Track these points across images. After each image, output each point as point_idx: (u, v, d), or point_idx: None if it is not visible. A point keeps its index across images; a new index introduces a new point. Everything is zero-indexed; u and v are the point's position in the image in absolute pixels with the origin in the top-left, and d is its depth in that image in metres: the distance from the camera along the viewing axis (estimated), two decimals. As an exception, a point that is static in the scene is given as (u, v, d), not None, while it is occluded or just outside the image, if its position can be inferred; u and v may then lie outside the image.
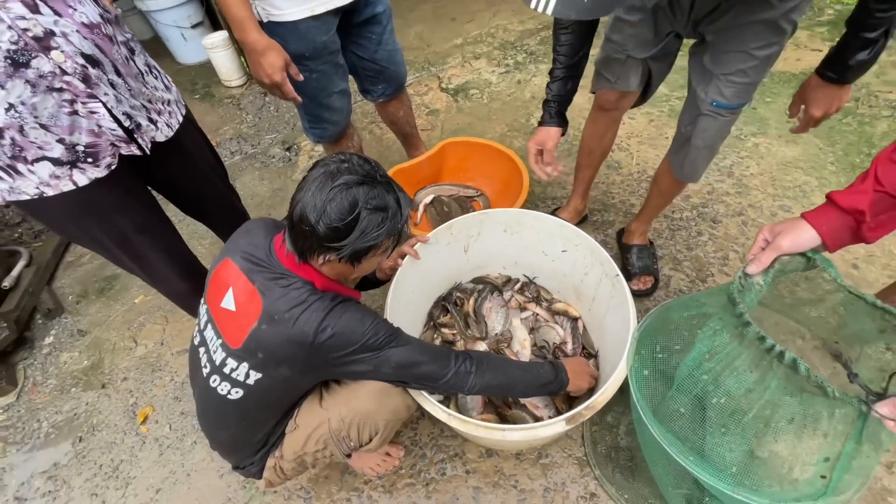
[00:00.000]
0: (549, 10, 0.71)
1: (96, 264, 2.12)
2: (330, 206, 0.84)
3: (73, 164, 0.98)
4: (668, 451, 0.90)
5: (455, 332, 1.54)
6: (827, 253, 0.85)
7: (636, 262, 1.66)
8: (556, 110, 1.25)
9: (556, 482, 1.32)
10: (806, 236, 0.82)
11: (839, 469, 0.78)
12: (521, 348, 1.48)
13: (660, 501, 1.23)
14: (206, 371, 0.99)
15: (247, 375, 0.95)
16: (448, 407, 1.35)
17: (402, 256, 1.31)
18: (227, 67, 2.87)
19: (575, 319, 1.53)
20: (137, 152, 1.07)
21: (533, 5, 0.73)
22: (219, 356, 0.96)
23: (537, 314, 1.57)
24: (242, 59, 2.85)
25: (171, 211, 1.34)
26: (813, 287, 0.88)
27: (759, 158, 2.04)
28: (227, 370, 0.96)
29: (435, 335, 1.55)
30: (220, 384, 0.97)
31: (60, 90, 0.91)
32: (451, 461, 1.39)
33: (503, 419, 1.35)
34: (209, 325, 0.98)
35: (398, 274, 1.28)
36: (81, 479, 1.50)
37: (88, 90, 0.94)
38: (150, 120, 1.10)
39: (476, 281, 1.65)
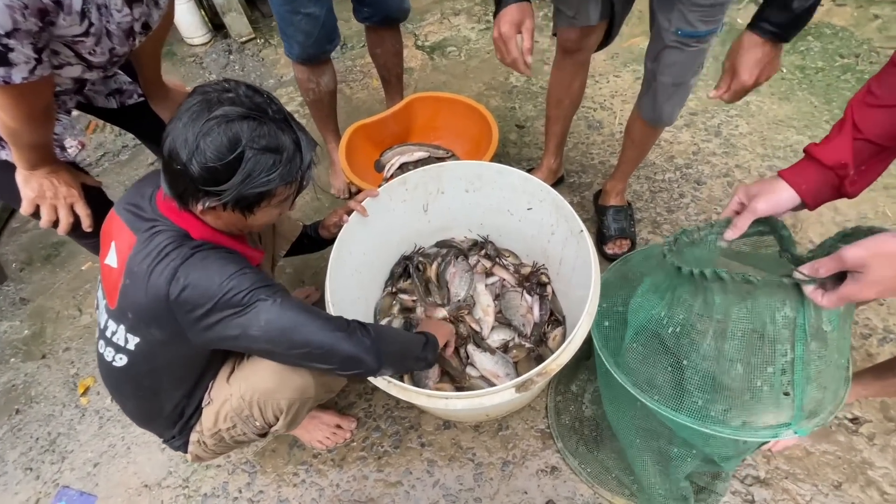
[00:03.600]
0: None
1: (43, 231, 1.99)
2: (204, 141, 0.71)
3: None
4: (631, 404, 0.87)
5: (415, 298, 1.43)
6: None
7: (612, 224, 1.55)
8: None
9: (516, 455, 1.24)
10: (784, 196, 0.75)
11: (798, 380, 0.74)
12: (484, 315, 1.38)
13: (625, 474, 1.14)
14: (97, 336, 0.89)
15: (125, 340, 0.85)
16: (402, 377, 1.27)
17: (349, 213, 1.19)
18: (189, 23, 2.67)
19: (544, 285, 1.43)
20: (71, 158, 1.12)
21: None
22: (103, 319, 0.86)
23: (504, 280, 1.46)
24: (203, 13, 2.66)
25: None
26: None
27: (749, 117, 1.91)
28: (108, 334, 0.86)
29: (393, 302, 1.45)
30: (105, 349, 0.88)
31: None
32: (406, 433, 1.30)
33: (459, 390, 1.25)
34: (99, 286, 0.88)
35: (343, 232, 1.16)
36: (16, 452, 1.41)
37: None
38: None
39: (440, 245, 1.54)
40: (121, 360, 0.88)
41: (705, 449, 0.92)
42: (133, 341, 0.85)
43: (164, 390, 0.96)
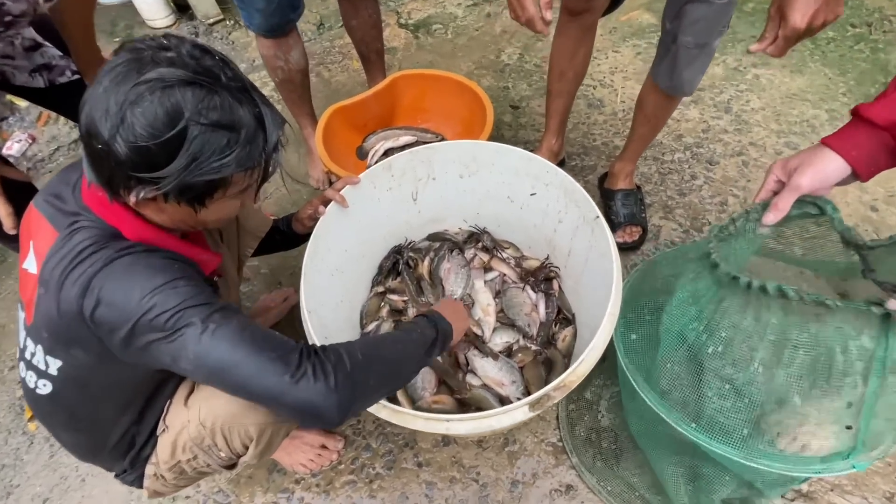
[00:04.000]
0: None
1: (-12, 234, 1.79)
2: (132, 112, 0.55)
3: None
4: (661, 425, 0.78)
5: (406, 298, 1.27)
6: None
7: (621, 209, 1.41)
8: None
9: (525, 473, 1.10)
10: (831, 167, 0.64)
11: (866, 414, 0.65)
12: (484, 315, 1.23)
13: (651, 492, 1.01)
14: (17, 356, 0.72)
15: (46, 363, 0.69)
16: (394, 389, 1.12)
17: (325, 203, 1.03)
18: (150, 4, 2.46)
19: (549, 280, 1.28)
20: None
21: None
22: (22, 336, 0.71)
23: (504, 275, 1.31)
24: (166, -7, 2.45)
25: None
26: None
27: (760, 91, 1.77)
28: (28, 355, 0.70)
29: (382, 304, 1.29)
30: (26, 374, 0.72)
31: None
32: (400, 452, 1.15)
33: (460, 402, 1.11)
34: (20, 297, 0.71)
35: (319, 226, 1.00)
36: (-48, 490, 1.23)
37: None
38: None
39: (432, 238, 1.38)
40: (45, 388, 0.72)
41: (745, 475, 0.81)
42: (55, 365, 0.69)
43: (105, 419, 0.79)
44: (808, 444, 0.73)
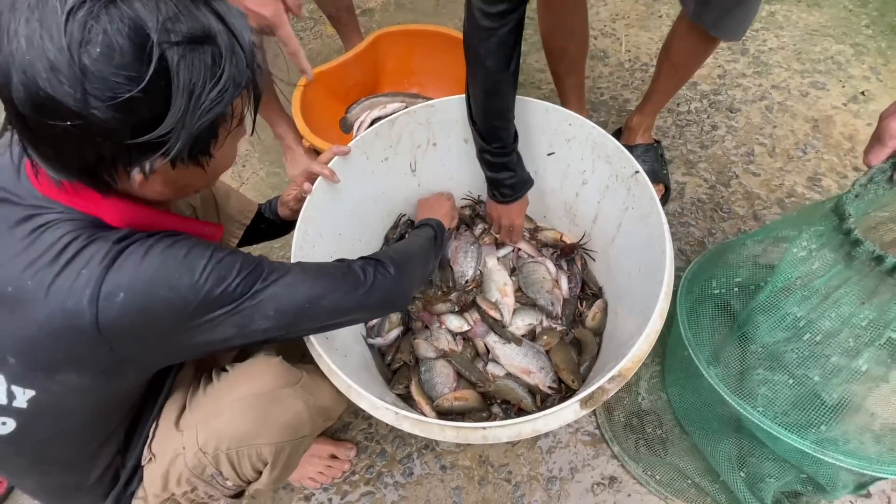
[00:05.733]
0: None
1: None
2: (89, 54, 0.40)
3: None
4: (716, 407, 0.75)
5: (411, 284, 1.13)
6: None
7: (640, 166, 1.26)
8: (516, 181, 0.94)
9: (562, 468, 0.99)
10: None
11: None
12: (502, 296, 1.09)
13: (705, 479, 0.91)
14: None
15: (10, 395, 0.55)
16: (409, 387, 0.99)
17: (312, 180, 0.87)
18: None
19: (571, 252, 1.15)
20: None
21: None
22: None
23: (518, 249, 1.17)
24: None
25: None
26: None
27: (777, 29, 1.63)
28: None
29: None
30: None
31: None
32: (419, 455, 1.03)
33: (484, 395, 0.98)
34: None
35: (306, 208, 0.84)
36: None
37: None
38: None
39: (434, 214, 1.23)
40: (4, 427, 0.58)
41: (806, 468, 0.73)
42: (24, 396, 0.55)
43: (83, 456, 0.66)
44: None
